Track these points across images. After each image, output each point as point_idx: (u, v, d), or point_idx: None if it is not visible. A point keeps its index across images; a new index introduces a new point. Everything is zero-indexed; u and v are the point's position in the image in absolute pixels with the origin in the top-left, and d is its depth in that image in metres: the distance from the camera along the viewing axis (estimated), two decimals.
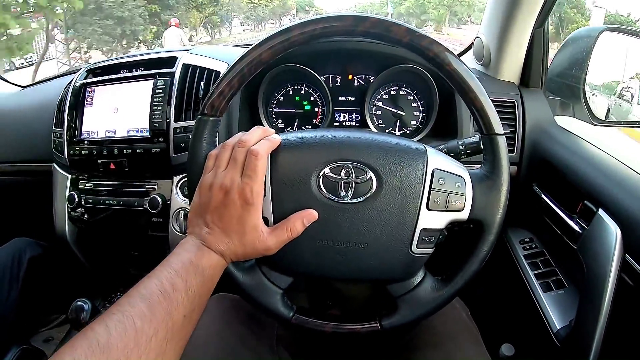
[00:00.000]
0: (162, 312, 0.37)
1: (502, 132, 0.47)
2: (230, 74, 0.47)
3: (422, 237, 0.47)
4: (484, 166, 0.49)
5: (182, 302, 0.39)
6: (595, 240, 0.58)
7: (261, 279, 0.51)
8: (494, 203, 0.47)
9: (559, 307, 0.70)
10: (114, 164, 0.84)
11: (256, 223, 0.44)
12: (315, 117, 0.93)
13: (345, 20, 0.45)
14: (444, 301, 0.50)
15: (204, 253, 0.43)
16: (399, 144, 0.48)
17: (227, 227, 0.44)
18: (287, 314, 0.52)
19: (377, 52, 0.85)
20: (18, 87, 1.22)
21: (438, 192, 0.46)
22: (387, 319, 0.51)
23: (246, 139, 0.46)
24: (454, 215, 0.47)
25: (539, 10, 0.78)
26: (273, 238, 0.45)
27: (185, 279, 0.40)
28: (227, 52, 0.92)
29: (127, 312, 0.36)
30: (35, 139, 1.00)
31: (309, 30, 0.45)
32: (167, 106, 0.81)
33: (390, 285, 0.51)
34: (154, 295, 0.38)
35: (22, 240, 0.99)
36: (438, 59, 0.45)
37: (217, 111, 0.48)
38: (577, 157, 0.68)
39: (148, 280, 0.40)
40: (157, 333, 0.36)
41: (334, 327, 0.52)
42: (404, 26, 0.45)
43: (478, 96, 0.46)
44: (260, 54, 0.46)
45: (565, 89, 0.84)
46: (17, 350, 0.85)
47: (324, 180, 0.47)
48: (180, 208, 0.82)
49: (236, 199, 0.43)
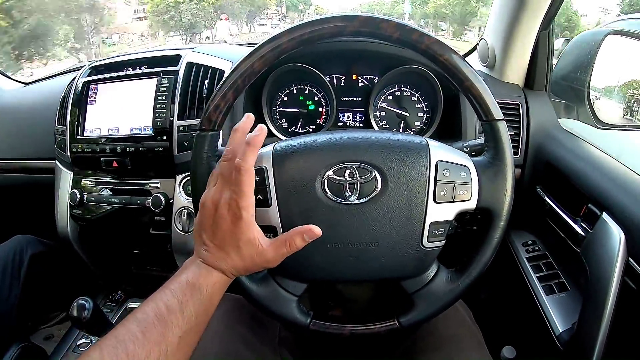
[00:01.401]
0: (155, 334, 0.38)
1: (501, 117, 0.47)
2: (224, 87, 0.47)
3: (432, 230, 0.47)
4: (487, 153, 0.49)
5: (177, 323, 0.39)
6: (598, 244, 0.58)
7: (275, 288, 0.51)
8: (501, 189, 0.47)
9: (562, 310, 0.70)
10: (117, 162, 0.84)
11: (250, 236, 0.43)
12: (319, 117, 0.93)
13: (332, 22, 0.45)
14: (460, 292, 0.50)
15: (202, 272, 0.43)
16: (400, 139, 0.48)
17: (221, 243, 0.44)
18: (304, 320, 0.51)
19: (382, 52, 0.85)
20: (21, 83, 1.21)
21: (444, 183, 0.46)
22: (404, 317, 0.51)
23: (230, 151, 0.45)
24: (462, 206, 0.47)
25: (544, 13, 0.78)
26: (271, 251, 0.44)
27: (180, 299, 0.41)
28: (231, 51, 0.92)
29: (120, 337, 0.36)
30: (38, 137, 0.99)
31: (297, 35, 0.45)
32: (170, 104, 0.81)
33: (405, 282, 0.51)
34: (148, 318, 0.38)
35: (24, 238, 0.99)
36: (431, 50, 0.45)
37: (215, 125, 0.48)
38: (581, 160, 0.68)
39: (145, 304, 0.40)
40: (150, 355, 0.37)
41: (352, 329, 0.52)
42: (393, 21, 0.45)
43: (474, 84, 0.46)
44: (252, 65, 0.46)
45: (569, 91, 0.84)
46: (17, 348, 0.85)
47: (328, 183, 0.46)
48: (183, 207, 0.82)
49: (225, 214, 0.43)
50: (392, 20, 0.45)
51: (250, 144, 0.42)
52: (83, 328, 0.71)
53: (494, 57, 0.88)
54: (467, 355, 0.57)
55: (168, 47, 3.27)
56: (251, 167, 0.42)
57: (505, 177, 0.47)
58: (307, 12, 28.42)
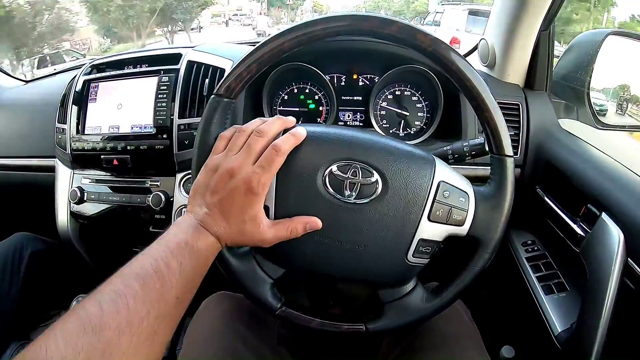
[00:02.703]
0: (155, 292, 0.37)
1: (512, 154, 0.47)
2: (249, 59, 0.47)
3: (419, 246, 0.47)
4: (489, 185, 0.49)
5: (175, 283, 0.39)
6: (597, 244, 0.58)
7: (253, 266, 0.51)
8: (494, 222, 0.47)
9: (561, 310, 0.70)
10: (117, 160, 0.84)
11: (256, 214, 0.43)
12: (319, 116, 0.93)
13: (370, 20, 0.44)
14: (431, 313, 0.51)
15: (200, 234, 0.43)
16: (410, 151, 0.48)
17: (227, 211, 0.43)
18: (275, 305, 0.51)
19: (382, 52, 0.85)
20: (21, 81, 1.21)
21: (441, 204, 0.46)
22: (372, 323, 0.51)
23: (265, 130, 0.45)
24: (454, 229, 0.47)
25: (545, 12, 0.78)
26: (272, 232, 0.44)
27: (180, 260, 0.40)
28: (232, 49, 0.92)
29: (120, 292, 0.35)
30: (38, 135, 0.99)
31: (332, 25, 0.45)
32: (171, 103, 0.81)
33: (381, 291, 0.51)
34: (148, 275, 0.37)
35: (23, 235, 0.99)
36: (453, 66, 0.45)
37: (232, 93, 0.48)
38: (581, 161, 0.68)
39: (143, 258, 0.39)
40: (150, 313, 0.36)
41: (320, 324, 0.52)
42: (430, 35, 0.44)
43: (494, 116, 0.46)
44: (282, 43, 0.46)
45: (569, 92, 0.84)
46: (17, 345, 0.85)
47: (330, 177, 0.46)
48: (183, 205, 0.82)
49: (241, 186, 0.42)
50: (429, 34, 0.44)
51: (294, 135, 0.45)
52: None
53: (494, 57, 0.88)
54: (465, 354, 0.57)
55: (169, 45, 3.26)
56: (287, 153, 0.44)
57: (501, 213, 0.47)
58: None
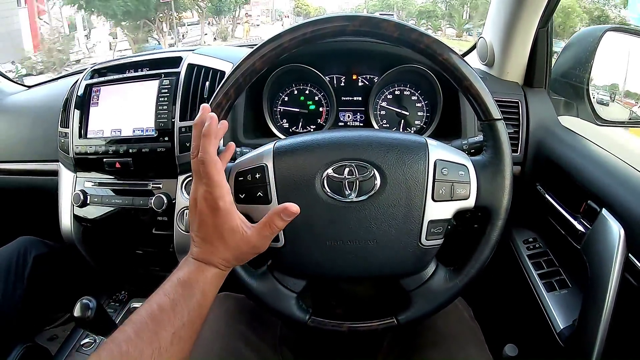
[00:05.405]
0: (148, 333, 0.39)
1: (500, 117, 0.47)
2: (226, 85, 0.48)
3: (430, 228, 0.47)
4: (485, 152, 0.49)
5: (169, 321, 0.40)
6: (598, 240, 0.58)
7: (274, 284, 0.52)
8: (499, 188, 0.47)
9: (563, 307, 0.70)
10: (120, 163, 0.85)
11: (232, 225, 0.44)
12: (319, 117, 0.94)
13: (333, 21, 0.45)
14: (458, 291, 0.50)
15: (192, 268, 0.44)
16: (399, 138, 0.49)
17: (206, 236, 0.44)
18: (303, 317, 0.52)
19: (382, 52, 0.86)
20: (23, 86, 1.22)
21: (442, 182, 0.47)
22: (402, 314, 0.51)
23: (194, 147, 0.45)
24: (460, 204, 0.47)
25: (543, 10, 0.78)
26: (255, 235, 0.45)
27: (172, 297, 0.42)
28: (231, 52, 0.93)
29: (116, 339, 0.38)
30: (41, 139, 1.00)
31: (298, 35, 0.46)
32: (172, 106, 0.82)
33: (403, 280, 0.51)
34: (142, 319, 0.40)
35: (27, 239, 1.00)
36: (430, 50, 0.46)
37: (221, 114, 0.49)
38: (581, 157, 0.68)
39: (142, 306, 0.42)
40: (143, 353, 0.38)
41: (350, 327, 0.52)
42: (392, 21, 0.45)
43: (473, 83, 0.46)
44: (253, 63, 0.47)
45: (569, 89, 0.84)
46: (21, 348, 0.86)
47: (327, 181, 0.47)
48: (185, 207, 0.82)
49: (204, 208, 0.44)
50: (392, 20, 0.45)
51: (205, 135, 0.43)
52: (87, 328, 0.71)
53: (493, 55, 0.88)
54: (467, 352, 0.58)
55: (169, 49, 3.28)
56: (214, 157, 0.43)
57: (503, 176, 0.47)
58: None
